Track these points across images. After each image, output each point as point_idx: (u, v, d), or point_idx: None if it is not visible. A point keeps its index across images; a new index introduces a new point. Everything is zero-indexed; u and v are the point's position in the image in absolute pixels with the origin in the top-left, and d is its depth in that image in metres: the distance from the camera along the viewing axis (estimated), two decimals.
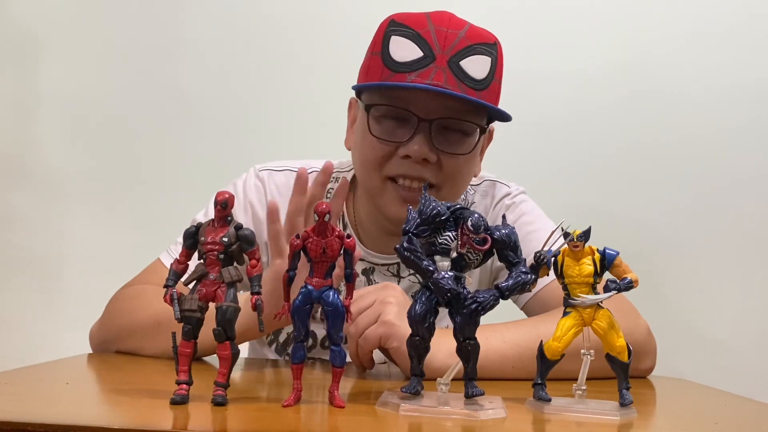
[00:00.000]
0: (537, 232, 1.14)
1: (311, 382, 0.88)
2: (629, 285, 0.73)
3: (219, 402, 0.67)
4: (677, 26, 1.93)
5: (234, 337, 0.69)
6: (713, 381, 1.14)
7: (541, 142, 1.93)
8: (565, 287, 0.74)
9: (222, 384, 0.68)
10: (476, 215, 0.70)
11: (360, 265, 1.18)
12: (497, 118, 1.09)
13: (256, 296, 0.68)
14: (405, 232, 0.69)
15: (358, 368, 0.98)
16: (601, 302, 0.73)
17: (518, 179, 1.27)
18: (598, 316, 0.73)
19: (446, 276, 0.68)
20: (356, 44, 1.10)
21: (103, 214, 2.00)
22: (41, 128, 2.04)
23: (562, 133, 1.94)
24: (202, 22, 2.02)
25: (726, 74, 1.91)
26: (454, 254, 0.70)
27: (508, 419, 0.69)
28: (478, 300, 0.69)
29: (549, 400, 0.73)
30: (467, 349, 0.70)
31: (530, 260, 0.73)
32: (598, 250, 0.74)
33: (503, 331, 0.96)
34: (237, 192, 1.19)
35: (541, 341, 0.75)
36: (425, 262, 0.69)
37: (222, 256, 0.69)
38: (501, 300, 0.70)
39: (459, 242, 0.69)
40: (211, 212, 0.71)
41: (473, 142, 1.08)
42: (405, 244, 0.69)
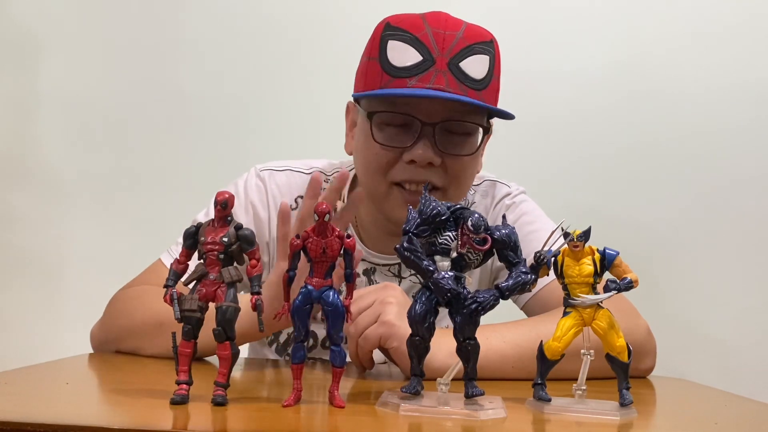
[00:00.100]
0: (537, 232, 1.13)
1: (311, 382, 0.88)
2: (629, 285, 0.73)
3: (219, 402, 0.67)
4: (677, 26, 1.93)
5: (234, 337, 0.69)
6: (713, 381, 1.14)
7: (541, 142, 1.93)
8: (565, 287, 0.74)
9: (222, 384, 0.68)
10: (476, 215, 0.70)
11: (361, 266, 1.18)
12: (499, 116, 1.09)
13: (256, 296, 0.68)
14: (405, 232, 0.69)
15: (358, 368, 0.98)
16: (601, 302, 0.73)
17: (518, 179, 1.27)
18: (598, 316, 0.73)
19: (446, 276, 0.68)
20: (356, 44, 1.10)
21: (103, 214, 2.01)
22: (41, 128, 2.04)
23: (562, 133, 1.94)
24: (202, 22, 2.02)
25: (726, 74, 1.91)
26: (454, 254, 0.70)
27: (508, 419, 0.69)
28: (478, 300, 0.69)
29: (549, 400, 0.73)
30: (467, 349, 0.70)
31: (530, 260, 0.73)
32: (598, 250, 0.74)
33: (503, 331, 0.96)
34: (238, 192, 1.19)
35: (541, 341, 0.75)
36: (425, 262, 0.69)
37: (222, 256, 0.69)
38: (501, 300, 0.70)
39: (459, 242, 0.69)
40: (212, 212, 0.71)
41: (476, 142, 1.08)
42: (405, 244, 0.69)
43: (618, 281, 0.73)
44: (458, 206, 0.71)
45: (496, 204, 1.23)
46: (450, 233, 0.70)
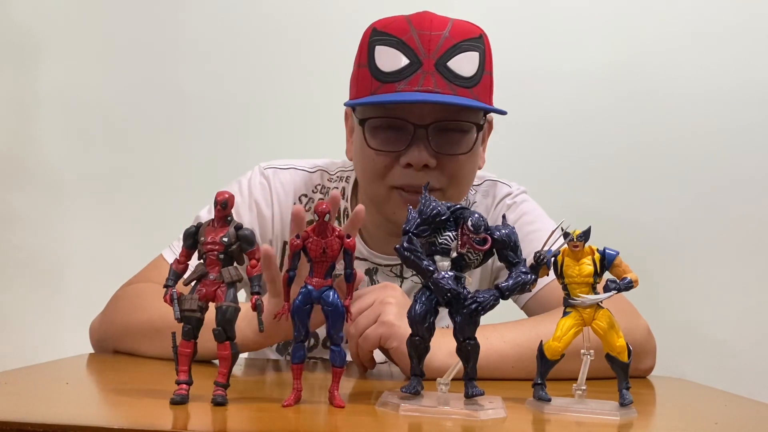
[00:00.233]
0: (538, 232, 1.13)
1: (311, 382, 0.88)
2: (629, 285, 0.73)
3: (219, 402, 0.67)
4: (677, 26, 1.93)
5: (234, 337, 0.69)
6: (713, 381, 1.14)
7: (541, 142, 1.93)
8: (565, 287, 0.74)
9: (222, 384, 0.68)
10: (476, 215, 0.70)
11: (363, 266, 1.18)
12: (493, 111, 1.09)
13: (256, 296, 0.68)
14: (405, 232, 0.69)
15: (359, 368, 0.98)
16: (601, 302, 0.73)
17: (518, 179, 1.27)
18: (598, 316, 0.73)
19: (446, 276, 0.68)
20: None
21: (103, 214, 2.01)
22: (41, 128, 2.04)
23: (562, 133, 1.94)
24: (202, 22, 2.02)
25: (726, 74, 1.91)
26: (454, 254, 0.70)
27: (508, 419, 0.69)
28: (478, 300, 0.69)
29: (549, 400, 0.73)
30: (467, 349, 0.70)
31: (530, 260, 0.73)
32: (598, 250, 0.74)
33: (503, 331, 0.96)
34: (242, 189, 1.19)
35: (541, 341, 0.75)
36: (425, 262, 0.69)
37: (222, 256, 0.69)
38: (501, 300, 0.70)
39: (459, 242, 0.69)
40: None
41: (472, 140, 1.07)
42: (405, 244, 0.69)
43: (618, 281, 0.73)
44: (458, 206, 0.71)
45: (497, 204, 1.22)
46: (450, 233, 0.70)
